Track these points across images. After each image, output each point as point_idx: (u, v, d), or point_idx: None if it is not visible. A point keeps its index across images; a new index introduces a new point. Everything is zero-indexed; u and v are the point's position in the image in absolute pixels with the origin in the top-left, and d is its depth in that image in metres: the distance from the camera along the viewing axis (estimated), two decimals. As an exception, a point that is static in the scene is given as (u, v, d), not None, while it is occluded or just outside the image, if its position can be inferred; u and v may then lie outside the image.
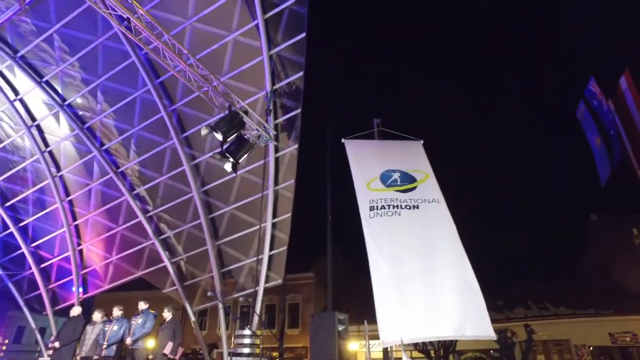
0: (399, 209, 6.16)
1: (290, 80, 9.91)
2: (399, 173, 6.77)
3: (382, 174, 6.75)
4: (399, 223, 6.02)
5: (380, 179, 6.66)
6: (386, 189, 6.47)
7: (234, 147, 8.29)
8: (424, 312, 5.41)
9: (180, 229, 11.65)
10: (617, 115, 13.00)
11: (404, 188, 6.50)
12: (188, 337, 23.32)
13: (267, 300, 26.62)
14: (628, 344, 21.13)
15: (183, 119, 11.00)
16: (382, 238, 5.97)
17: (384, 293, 5.60)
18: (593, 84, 13.65)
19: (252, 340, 8.45)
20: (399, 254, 5.83)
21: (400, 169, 6.87)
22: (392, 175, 6.72)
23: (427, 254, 5.82)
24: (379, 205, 6.21)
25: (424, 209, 6.20)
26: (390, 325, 5.28)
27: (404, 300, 5.59)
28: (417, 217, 6.11)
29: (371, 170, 6.85)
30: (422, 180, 6.69)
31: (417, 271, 5.75)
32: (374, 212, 6.17)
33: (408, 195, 6.36)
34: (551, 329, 23.26)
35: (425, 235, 5.96)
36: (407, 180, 6.66)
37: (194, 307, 11.61)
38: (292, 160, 10.20)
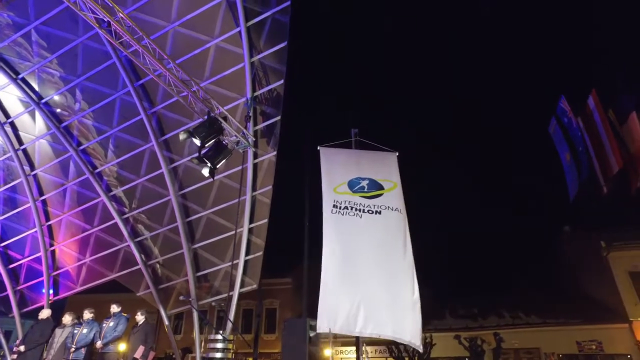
0: (361, 212, 6.38)
1: (271, 88, 10.05)
2: (367, 181, 6.98)
3: (351, 180, 6.96)
4: (358, 224, 6.25)
5: (348, 185, 6.87)
6: (352, 194, 6.69)
7: (212, 153, 8.35)
8: (364, 309, 5.66)
9: (157, 231, 11.59)
10: (585, 133, 13.60)
11: (369, 194, 6.71)
12: (163, 341, 23.02)
13: (244, 305, 26.50)
14: (593, 351, 21.83)
15: (163, 122, 10.99)
16: (338, 234, 6.21)
17: (329, 283, 5.82)
18: (564, 101, 14.25)
19: (224, 344, 8.48)
20: (353, 251, 6.07)
21: (370, 177, 7.08)
22: (361, 183, 6.93)
23: (380, 258, 6.06)
24: (342, 206, 6.42)
25: (385, 215, 6.42)
26: (328, 313, 5.53)
27: (347, 293, 5.82)
28: (377, 222, 6.34)
29: (340, 176, 7.05)
30: (389, 189, 6.91)
31: (366, 271, 5.99)
32: (336, 209, 6.38)
33: (372, 201, 6.59)
34: (523, 337, 23.84)
35: (382, 239, 6.20)
36: (374, 188, 6.87)
37: (168, 311, 11.54)
38: (270, 167, 10.30)
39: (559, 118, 14.34)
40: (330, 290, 5.90)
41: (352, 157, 8.01)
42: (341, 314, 5.83)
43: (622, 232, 24.28)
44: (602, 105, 13.21)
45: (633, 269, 23.49)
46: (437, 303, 26.83)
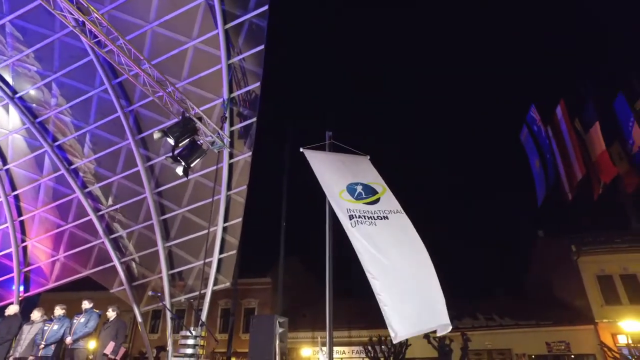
0: (373, 219, 6.58)
1: (248, 90, 10.22)
2: (361, 186, 7.18)
3: (348, 186, 7.13)
4: (377, 232, 6.43)
5: (348, 191, 7.05)
6: (355, 201, 6.86)
7: (186, 152, 8.49)
8: (418, 308, 5.92)
9: (132, 229, 11.64)
10: (553, 140, 14.18)
11: (369, 200, 6.92)
12: (139, 340, 22.89)
13: (222, 305, 26.49)
14: (562, 352, 22.57)
15: (140, 120, 11.06)
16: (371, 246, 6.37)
17: (383, 295, 6.01)
18: (534, 110, 14.82)
19: (195, 341, 8.60)
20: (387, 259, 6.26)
21: (362, 181, 7.27)
22: (357, 189, 7.11)
23: (405, 259, 6.29)
24: (356, 215, 6.59)
25: (392, 219, 6.65)
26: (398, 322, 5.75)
27: (401, 301, 6.04)
28: (389, 226, 6.55)
29: (337, 182, 7.20)
30: (382, 193, 7.12)
31: (406, 274, 6.21)
32: (355, 220, 6.53)
33: (375, 207, 6.79)
34: (496, 338, 24.46)
35: (400, 241, 6.42)
36: (369, 193, 7.08)
37: (142, 308, 11.59)
38: (245, 167, 10.48)
39: (529, 126, 14.90)
40: (388, 302, 6.05)
41: (338, 161, 8.16)
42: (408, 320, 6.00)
43: (591, 237, 25.13)
44: (569, 115, 13.81)
45: (600, 273, 24.31)
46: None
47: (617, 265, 23.36)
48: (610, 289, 23.74)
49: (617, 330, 21.78)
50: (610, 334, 21.93)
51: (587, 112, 13.71)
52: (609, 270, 23.96)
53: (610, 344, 21.05)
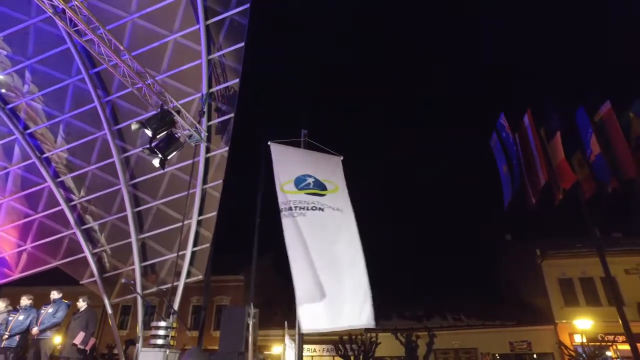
0: (306, 210, 6.80)
1: (227, 86, 10.36)
2: (313, 179, 7.42)
3: (297, 177, 7.37)
4: (303, 224, 6.64)
5: (294, 182, 7.27)
6: (298, 192, 7.10)
7: (164, 144, 8.57)
8: (332, 305, 6.08)
9: (105, 220, 11.55)
10: (520, 147, 14.84)
11: (314, 192, 7.16)
12: (106, 336, 22.50)
13: (194, 301, 26.35)
14: (524, 351, 23.57)
15: (117, 111, 11.02)
16: (296, 235, 6.57)
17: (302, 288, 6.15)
18: (503, 118, 15.47)
19: (166, 332, 8.66)
20: (309, 250, 6.44)
21: (315, 175, 7.52)
22: (306, 180, 7.35)
23: (330, 253, 6.49)
24: (287, 207, 6.82)
25: (328, 212, 6.89)
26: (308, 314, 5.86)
27: (316, 296, 6.17)
28: (320, 218, 6.77)
29: (287, 173, 7.43)
30: (332, 190, 7.38)
31: (325, 268, 6.37)
32: (290, 212, 6.77)
33: (316, 198, 7.03)
34: (462, 338, 25.28)
35: (330, 236, 6.63)
36: (318, 187, 7.32)
37: (113, 300, 11.52)
38: (222, 162, 10.60)
39: (498, 132, 15.52)
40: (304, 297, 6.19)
41: (300, 155, 8.43)
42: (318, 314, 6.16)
43: (554, 242, 26.34)
44: (535, 124, 14.48)
45: (562, 276, 25.53)
46: (385, 305, 27.85)
47: (577, 269, 24.61)
48: (569, 291, 24.97)
49: (574, 330, 22.92)
50: (568, 333, 23.07)
51: (551, 122, 14.43)
52: (569, 273, 25.22)
53: (568, 343, 22.14)
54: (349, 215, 7.15)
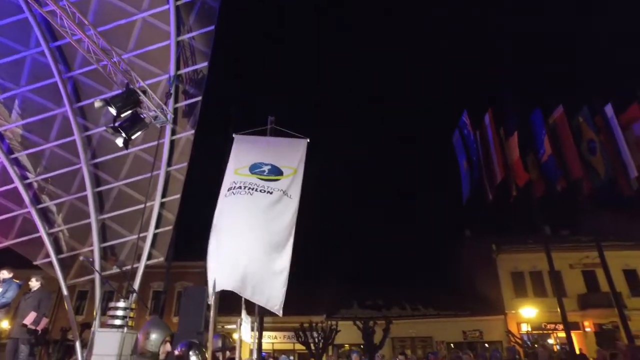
0: (253, 190, 6.96)
1: (195, 69, 10.29)
2: (269, 166, 7.57)
3: (254, 164, 7.51)
4: (248, 200, 6.82)
5: (249, 167, 7.42)
6: (250, 175, 7.25)
7: (128, 124, 8.46)
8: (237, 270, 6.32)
9: (63, 199, 11.22)
10: (480, 144, 15.55)
11: (267, 178, 7.31)
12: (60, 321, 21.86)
13: (155, 287, 26.00)
14: (475, 339, 24.86)
15: (79, 88, 10.69)
16: (228, 211, 6.75)
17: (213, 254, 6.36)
18: (465, 115, 16.12)
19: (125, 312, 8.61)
20: (238, 225, 6.65)
21: (273, 163, 7.66)
22: (262, 167, 7.50)
23: (260, 231, 6.70)
24: (236, 186, 6.97)
25: (275, 196, 7.06)
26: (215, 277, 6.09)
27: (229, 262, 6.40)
28: (266, 200, 6.96)
29: (244, 160, 7.56)
30: (287, 175, 7.54)
31: (248, 242, 6.59)
32: (231, 191, 6.93)
33: (267, 183, 7.20)
34: (419, 327, 26.32)
35: (269, 217, 6.83)
36: (273, 173, 7.48)
37: (69, 281, 11.26)
38: (187, 145, 10.55)
39: (460, 129, 16.18)
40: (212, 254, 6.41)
41: (261, 144, 8.52)
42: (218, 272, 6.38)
43: (509, 238, 27.74)
44: (495, 123, 15.22)
45: (514, 270, 26.99)
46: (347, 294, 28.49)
47: (528, 264, 26.09)
48: (520, 284, 26.46)
49: (521, 319, 24.39)
50: (516, 322, 24.52)
51: (510, 122, 15.18)
52: (521, 267, 26.71)
53: (515, 331, 23.55)
54: (295, 201, 7.32)
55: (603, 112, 13.52)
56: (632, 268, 24.72)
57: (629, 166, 12.13)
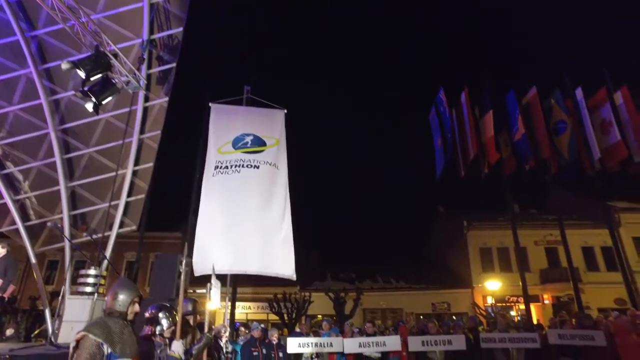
0: (240, 167, 6.95)
1: (170, 34, 9.95)
2: (252, 137, 7.54)
3: (235, 137, 7.45)
4: (236, 178, 6.82)
5: (232, 143, 7.36)
6: (234, 152, 7.21)
7: (98, 88, 8.18)
8: (236, 251, 6.34)
9: (29, 165, 10.86)
10: (455, 122, 15.77)
11: (251, 150, 7.31)
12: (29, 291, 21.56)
13: (128, 257, 25.79)
14: (443, 311, 25.93)
15: (45, 49, 10.18)
16: (216, 192, 6.73)
17: (204, 234, 6.35)
18: (442, 93, 16.25)
19: (96, 280, 8.58)
20: (228, 204, 6.65)
21: (255, 133, 7.64)
22: (245, 139, 7.46)
23: (254, 206, 6.75)
24: (223, 165, 6.92)
25: (262, 169, 7.09)
26: (203, 259, 6.07)
27: (220, 240, 6.41)
28: (254, 175, 6.98)
29: (226, 134, 7.49)
30: (271, 145, 7.57)
31: (240, 218, 6.62)
32: (217, 170, 6.87)
33: (253, 156, 7.20)
34: (390, 299, 27.20)
35: (257, 190, 6.88)
36: (257, 144, 7.47)
37: (37, 249, 11.04)
38: (161, 112, 10.29)
39: (437, 106, 16.34)
40: (205, 240, 6.35)
41: (241, 114, 8.45)
42: (215, 258, 6.35)
43: (479, 215, 28.65)
44: (470, 101, 15.43)
45: (483, 246, 28.00)
46: (320, 267, 29.04)
47: (496, 240, 27.08)
48: (488, 259, 27.52)
49: (487, 292, 25.55)
50: (482, 295, 25.67)
51: (485, 101, 15.42)
52: (489, 243, 27.72)
53: (481, 304, 24.69)
54: (283, 172, 7.40)
55: (573, 95, 13.90)
56: (590, 245, 26.08)
57: (593, 147, 12.62)
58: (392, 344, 7.78)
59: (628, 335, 7.50)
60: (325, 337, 8.54)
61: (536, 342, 7.96)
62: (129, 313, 3.12)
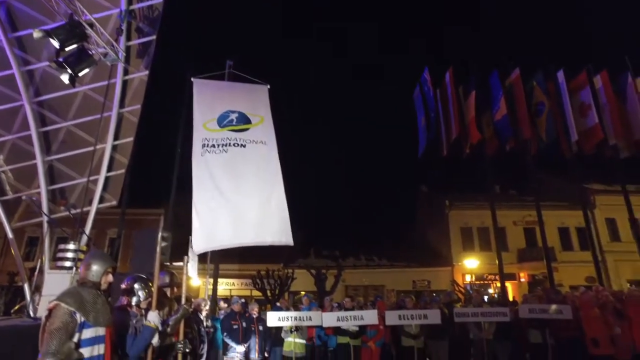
0: (227, 146, 6.91)
1: (150, 4, 9.64)
2: (237, 114, 7.46)
3: (221, 114, 7.36)
4: (225, 159, 6.80)
5: (217, 120, 7.27)
6: (220, 129, 7.14)
7: (74, 59, 7.92)
8: (231, 226, 6.39)
9: (4, 139, 10.55)
10: (440, 102, 15.84)
11: (237, 128, 7.24)
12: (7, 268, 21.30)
13: (111, 234, 25.62)
14: (424, 288, 26.61)
15: (15, 16, 9.73)
16: (207, 172, 6.69)
17: (200, 213, 6.36)
18: (427, 72, 16.25)
19: (75, 255, 8.53)
20: (220, 183, 6.64)
21: (240, 110, 7.55)
22: (230, 116, 7.38)
23: (246, 183, 6.76)
24: (209, 144, 6.86)
25: (249, 148, 7.06)
26: (202, 237, 6.10)
27: (217, 219, 6.44)
28: (242, 154, 6.95)
29: (210, 111, 7.38)
30: (256, 123, 7.51)
31: (233, 197, 6.65)
32: (205, 149, 6.82)
33: (239, 135, 7.15)
34: (373, 276, 27.77)
35: (247, 169, 6.87)
36: (242, 122, 7.40)
37: (14, 224, 10.86)
38: (141, 86, 10.07)
39: (421, 86, 16.36)
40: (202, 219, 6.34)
41: (224, 90, 8.32)
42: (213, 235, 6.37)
43: (461, 195, 29.16)
44: (455, 82, 15.49)
45: (464, 225, 28.61)
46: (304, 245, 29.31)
47: (477, 220, 27.67)
48: (468, 238, 28.19)
49: (466, 271, 26.28)
50: (462, 274, 26.42)
51: (469, 81, 15.48)
52: (470, 223, 28.33)
53: (460, 281, 25.42)
54: (272, 147, 7.38)
55: (555, 77, 14.06)
56: (566, 226, 26.92)
57: (571, 130, 12.88)
58: (369, 318, 7.99)
59: (591, 309, 7.88)
60: (305, 312, 8.73)
61: (506, 316, 8.26)
62: (102, 283, 3.15)
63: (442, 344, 8.48)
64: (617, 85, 13.55)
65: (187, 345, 4.50)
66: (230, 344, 7.28)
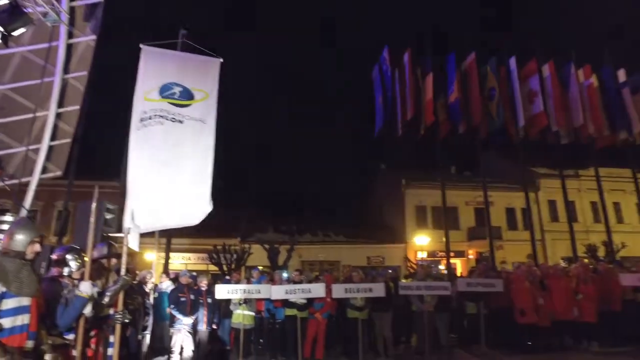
0: (164, 119, 6.58)
1: (96, -38, 9.04)
2: (181, 88, 7.08)
3: (164, 85, 6.97)
4: (159, 134, 6.49)
5: (159, 90, 6.88)
6: (160, 100, 6.75)
7: (6, 17, 7.33)
8: (159, 207, 6.23)
9: None
10: (397, 82, 16.06)
11: (178, 103, 6.87)
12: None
13: (59, 206, 24.52)
14: (378, 264, 27.58)
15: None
16: (143, 147, 6.40)
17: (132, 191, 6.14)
18: (386, 51, 16.37)
19: (13, 226, 8.16)
20: (150, 161, 6.38)
21: (184, 84, 7.18)
22: (173, 88, 7.00)
23: (175, 164, 6.51)
24: (147, 116, 6.52)
25: (187, 125, 6.76)
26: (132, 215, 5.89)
27: (147, 198, 6.24)
28: (177, 131, 6.66)
29: (154, 81, 6.98)
30: (199, 99, 7.17)
31: (159, 177, 6.40)
32: (142, 123, 6.48)
33: (178, 110, 6.79)
34: (329, 252, 28.38)
35: (179, 148, 6.60)
36: (185, 97, 7.03)
37: (-54, 193, 10.19)
38: (87, 51, 9.51)
39: (380, 65, 16.50)
40: (134, 196, 6.11)
41: (173, 60, 7.92)
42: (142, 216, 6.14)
43: (417, 174, 30.05)
44: (412, 63, 15.72)
45: (419, 204, 29.63)
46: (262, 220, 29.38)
47: (431, 199, 28.70)
48: (422, 217, 29.27)
49: (419, 248, 27.41)
50: (414, 250, 27.52)
51: (426, 63, 15.78)
52: (425, 202, 29.36)
53: (412, 258, 26.53)
54: (211, 125, 7.10)
55: (507, 64, 14.61)
56: (512, 207, 28.51)
57: (519, 115, 13.53)
58: (316, 291, 8.26)
59: (522, 283, 8.57)
60: (255, 285, 8.89)
61: (447, 290, 8.80)
62: (27, 253, 3.09)
63: (386, 315, 8.94)
64: (562, 74, 14.30)
65: (126, 316, 4.53)
66: (177, 316, 7.33)
